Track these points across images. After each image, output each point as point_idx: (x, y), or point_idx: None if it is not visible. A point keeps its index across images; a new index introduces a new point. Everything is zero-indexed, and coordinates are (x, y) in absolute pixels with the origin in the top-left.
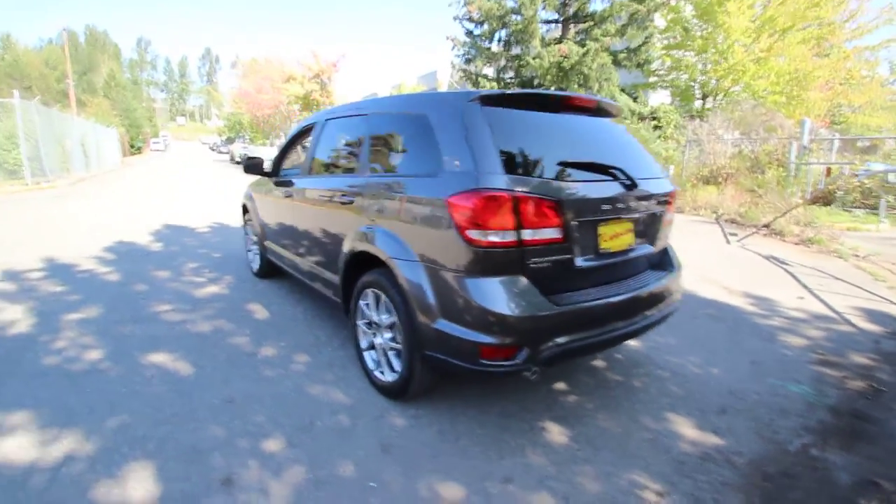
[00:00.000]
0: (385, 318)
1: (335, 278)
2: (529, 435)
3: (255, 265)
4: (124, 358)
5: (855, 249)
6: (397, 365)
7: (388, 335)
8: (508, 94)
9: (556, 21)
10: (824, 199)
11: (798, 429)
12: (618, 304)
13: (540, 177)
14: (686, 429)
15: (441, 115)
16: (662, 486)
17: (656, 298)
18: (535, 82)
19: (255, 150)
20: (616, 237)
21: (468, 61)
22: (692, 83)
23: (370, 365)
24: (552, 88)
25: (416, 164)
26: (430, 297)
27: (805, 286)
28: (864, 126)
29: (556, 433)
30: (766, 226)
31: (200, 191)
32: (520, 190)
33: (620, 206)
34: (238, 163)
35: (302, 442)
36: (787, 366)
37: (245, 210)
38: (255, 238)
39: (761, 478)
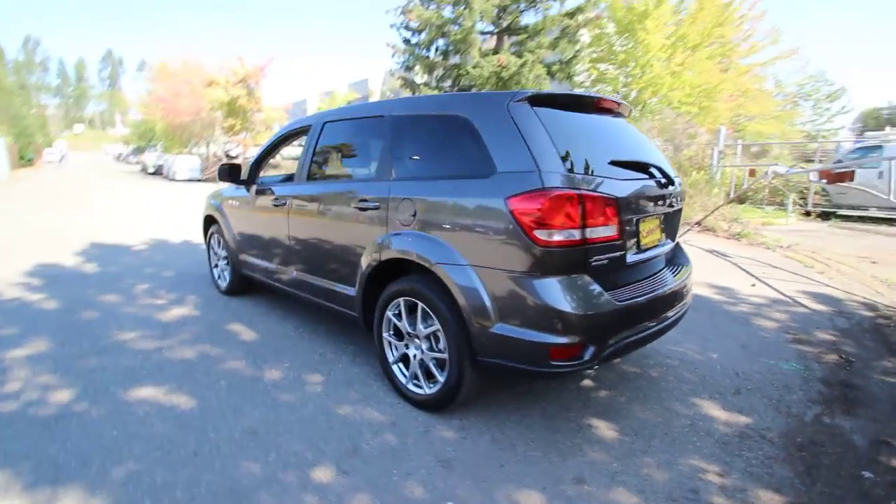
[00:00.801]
0: (423, 328)
1: (349, 290)
2: (581, 434)
3: (224, 282)
4: (102, 396)
5: (778, 241)
6: (440, 375)
7: (425, 345)
8: (552, 94)
9: (492, 32)
10: (738, 197)
11: (805, 401)
12: (664, 296)
13: (593, 175)
14: (715, 411)
15: (486, 117)
16: (719, 467)
17: (687, 289)
18: (473, 90)
19: (180, 160)
20: (650, 233)
21: (408, 69)
22: (615, 94)
23: (401, 379)
24: None
25: (457, 166)
26: (487, 301)
27: (752, 275)
28: (758, 133)
29: (603, 429)
30: (699, 223)
31: (121, 205)
32: (584, 189)
33: (657, 202)
34: (153, 173)
35: (354, 467)
36: (770, 346)
37: (210, 222)
38: (223, 253)
39: (796, 448)
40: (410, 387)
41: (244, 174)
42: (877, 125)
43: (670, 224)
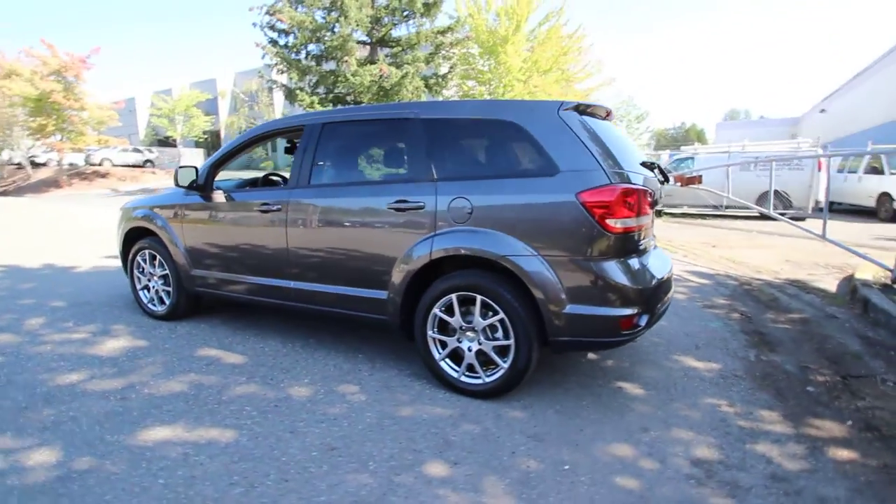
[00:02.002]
0: (481, 319)
1: (378, 293)
2: (619, 395)
3: (162, 306)
4: (104, 447)
5: None
6: (503, 362)
7: (483, 336)
8: (588, 104)
9: (367, 42)
10: None
11: (743, 347)
12: (669, 275)
13: (632, 173)
14: (693, 363)
15: (539, 123)
16: (725, 400)
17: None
18: (350, 99)
19: None
20: (653, 223)
21: (281, 72)
22: None
23: (452, 373)
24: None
25: (513, 166)
26: (558, 286)
27: None
28: None
29: (631, 388)
30: None
31: None
32: (636, 184)
33: (657, 195)
34: None
35: (460, 457)
36: (693, 312)
37: (134, 238)
38: (161, 272)
39: (760, 379)
40: (464, 379)
41: (197, 178)
42: (666, 143)
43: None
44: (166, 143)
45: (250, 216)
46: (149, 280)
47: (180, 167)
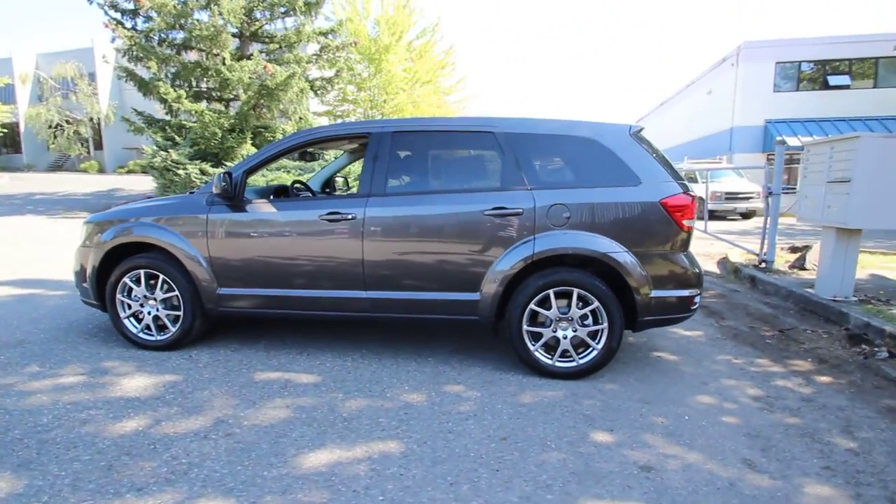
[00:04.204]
0: (577, 310)
1: (470, 296)
2: (663, 363)
3: (165, 334)
4: (280, 484)
5: None
6: (596, 344)
7: (579, 324)
8: (640, 126)
9: (238, 35)
10: None
11: (703, 317)
12: None
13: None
14: (687, 332)
15: (616, 141)
16: (731, 356)
17: None
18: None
19: None
20: None
21: (138, 59)
22: (364, 116)
23: (546, 361)
24: (251, 104)
25: (599, 176)
26: (646, 275)
27: None
28: None
29: (666, 356)
30: None
31: None
32: (693, 193)
33: None
34: None
35: (609, 425)
36: None
37: (123, 254)
38: (161, 296)
39: (735, 338)
40: (558, 364)
41: (231, 186)
42: None
43: None
44: None
45: (311, 227)
46: (141, 305)
47: (226, 174)
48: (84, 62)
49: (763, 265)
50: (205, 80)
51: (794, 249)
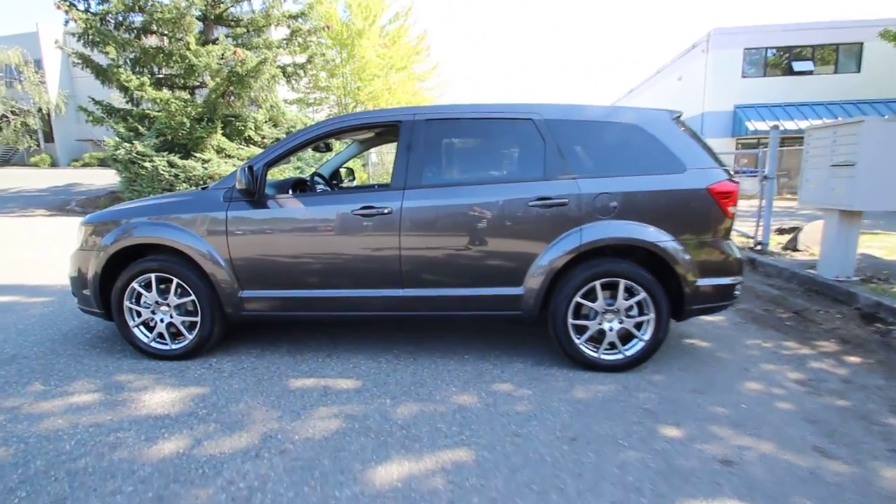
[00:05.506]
0: (624, 301)
1: (512, 290)
2: (700, 351)
3: (180, 342)
4: None
5: None
6: (644, 335)
7: (624, 316)
8: (679, 112)
9: (201, 18)
10: None
11: None
12: None
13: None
14: (710, 318)
15: (661, 128)
16: (760, 340)
17: None
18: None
19: None
20: None
21: (94, 44)
22: (337, 105)
23: (592, 354)
24: (219, 91)
25: (644, 164)
26: (692, 263)
27: None
28: None
29: (699, 343)
30: None
31: None
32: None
33: None
34: None
35: (674, 418)
36: None
37: (130, 256)
38: (175, 301)
39: (756, 322)
40: (605, 357)
41: (253, 180)
42: None
43: None
44: None
45: (343, 222)
46: (153, 312)
47: (249, 169)
48: (29, 48)
49: (759, 247)
50: (168, 66)
51: (780, 231)
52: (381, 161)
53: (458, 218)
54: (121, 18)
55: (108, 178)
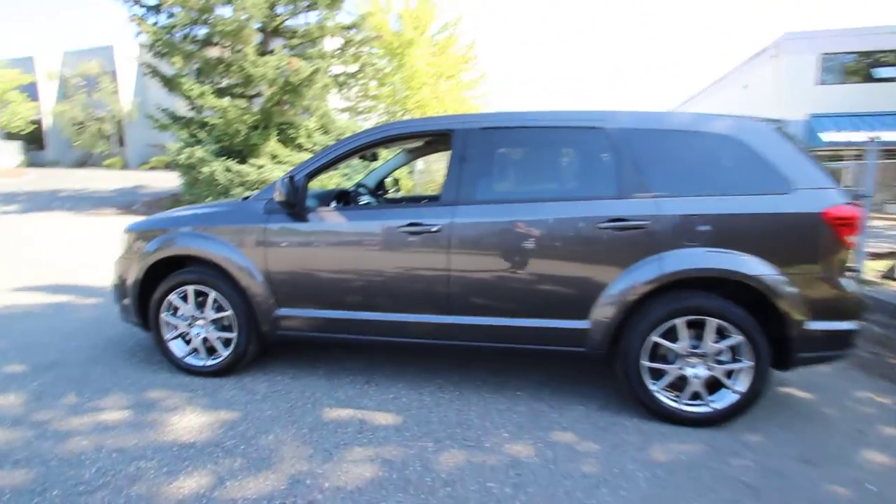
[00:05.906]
0: (712, 343)
1: (573, 323)
2: (797, 401)
3: (215, 358)
4: None
5: None
6: (737, 385)
7: (713, 360)
8: (780, 120)
9: (260, 30)
10: None
11: None
12: None
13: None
14: None
15: (761, 139)
16: (887, 397)
17: None
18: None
19: None
20: None
21: (161, 55)
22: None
23: (670, 404)
24: (275, 100)
25: (741, 182)
26: (803, 303)
27: None
28: None
29: (795, 392)
30: None
31: None
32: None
33: None
34: None
35: (774, 495)
36: None
37: (169, 267)
38: (214, 315)
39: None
40: (687, 409)
41: (294, 191)
42: None
43: None
44: None
45: (387, 240)
46: (189, 326)
47: (288, 178)
48: (106, 60)
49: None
50: (228, 75)
51: (874, 256)
52: (427, 169)
53: (515, 240)
54: (186, 31)
55: (171, 182)
